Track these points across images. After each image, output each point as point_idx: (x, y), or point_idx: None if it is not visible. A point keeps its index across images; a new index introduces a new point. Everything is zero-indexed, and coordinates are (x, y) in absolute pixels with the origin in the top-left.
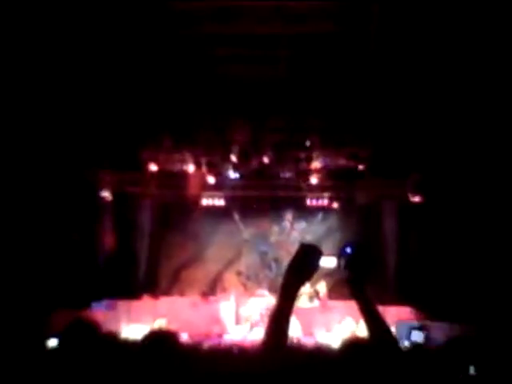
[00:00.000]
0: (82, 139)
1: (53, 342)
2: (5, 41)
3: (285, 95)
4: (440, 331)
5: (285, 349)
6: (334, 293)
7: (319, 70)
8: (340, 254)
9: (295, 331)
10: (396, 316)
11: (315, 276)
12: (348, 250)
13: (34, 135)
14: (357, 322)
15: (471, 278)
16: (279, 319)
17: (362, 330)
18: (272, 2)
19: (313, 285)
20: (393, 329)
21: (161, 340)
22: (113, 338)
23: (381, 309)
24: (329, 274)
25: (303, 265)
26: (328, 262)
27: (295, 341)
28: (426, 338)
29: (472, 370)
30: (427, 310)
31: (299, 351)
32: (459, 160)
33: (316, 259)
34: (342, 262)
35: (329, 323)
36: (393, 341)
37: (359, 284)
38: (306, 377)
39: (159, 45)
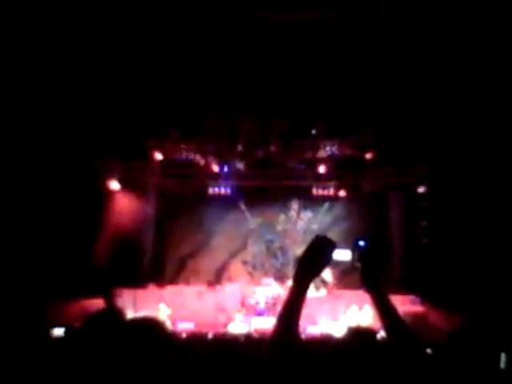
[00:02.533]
0: (90, 129)
1: (58, 332)
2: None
3: (290, 84)
4: (442, 321)
5: (295, 340)
6: (340, 282)
7: (325, 58)
8: (354, 248)
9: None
10: (401, 304)
11: None
12: (362, 243)
13: (43, 125)
14: (362, 311)
15: (477, 267)
16: (291, 310)
17: (366, 319)
18: None
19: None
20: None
21: (144, 328)
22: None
23: None
24: (335, 263)
25: (316, 257)
26: (342, 254)
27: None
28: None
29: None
30: (432, 299)
31: (306, 341)
32: (465, 149)
33: (329, 252)
34: (356, 256)
35: (335, 312)
36: (408, 334)
37: (373, 277)
38: (314, 366)
39: (164, 34)
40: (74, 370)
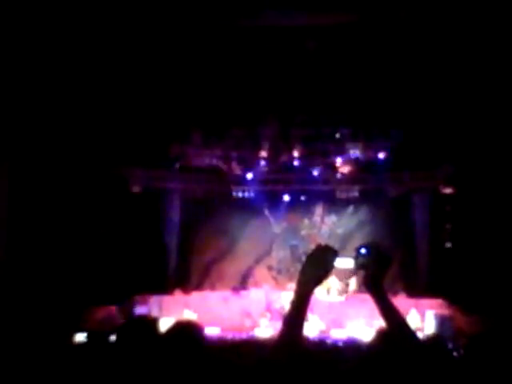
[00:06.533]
0: (113, 136)
1: (81, 337)
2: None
3: (314, 87)
4: (470, 324)
5: (300, 344)
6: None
7: (348, 61)
8: (356, 255)
9: (319, 325)
10: (427, 307)
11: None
12: (363, 250)
13: (68, 133)
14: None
15: (503, 270)
16: (295, 316)
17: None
18: None
19: (344, 279)
20: (424, 319)
21: (185, 331)
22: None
23: (412, 301)
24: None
25: (317, 265)
26: (344, 262)
27: (318, 335)
28: None
29: None
30: (459, 303)
31: (322, 345)
32: (492, 150)
33: (330, 260)
34: (357, 263)
35: (359, 316)
36: (410, 333)
37: (375, 282)
38: (320, 370)
39: (188, 41)
40: (99, 376)
